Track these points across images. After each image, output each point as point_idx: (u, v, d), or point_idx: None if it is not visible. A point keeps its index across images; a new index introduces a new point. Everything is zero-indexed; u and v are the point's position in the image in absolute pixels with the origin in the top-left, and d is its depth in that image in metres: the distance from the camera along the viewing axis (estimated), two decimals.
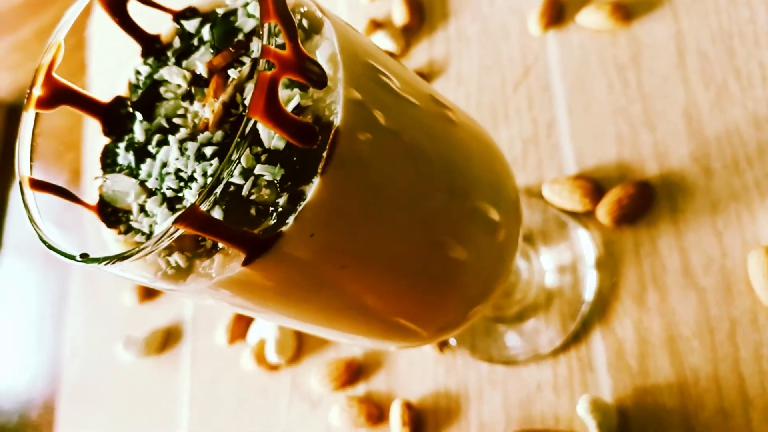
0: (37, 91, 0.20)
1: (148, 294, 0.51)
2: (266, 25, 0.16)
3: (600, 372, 0.34)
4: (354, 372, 0.41)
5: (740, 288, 0.32)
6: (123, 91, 0.22)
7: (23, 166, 0.19)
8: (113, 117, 0.21)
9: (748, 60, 0.34)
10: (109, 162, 0.21)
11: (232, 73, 0.19)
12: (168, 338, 0.49)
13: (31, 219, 0.18)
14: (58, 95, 0.20)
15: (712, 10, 0.36)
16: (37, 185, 0.19)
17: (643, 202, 0.35)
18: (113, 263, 0.17)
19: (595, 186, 0.36)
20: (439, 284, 0.22)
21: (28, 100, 0.20)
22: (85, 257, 0.18)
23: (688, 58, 0.36)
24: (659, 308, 0.34)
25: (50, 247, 0.18)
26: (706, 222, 0.34)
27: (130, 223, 0.20)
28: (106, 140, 0.22)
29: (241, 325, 0.46)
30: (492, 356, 0.37)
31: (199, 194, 0.16)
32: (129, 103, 0.21)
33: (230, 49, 0.20)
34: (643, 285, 0.34)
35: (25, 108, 0.20)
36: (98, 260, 0.17)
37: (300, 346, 0.43)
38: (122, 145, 0.21)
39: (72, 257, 0.18)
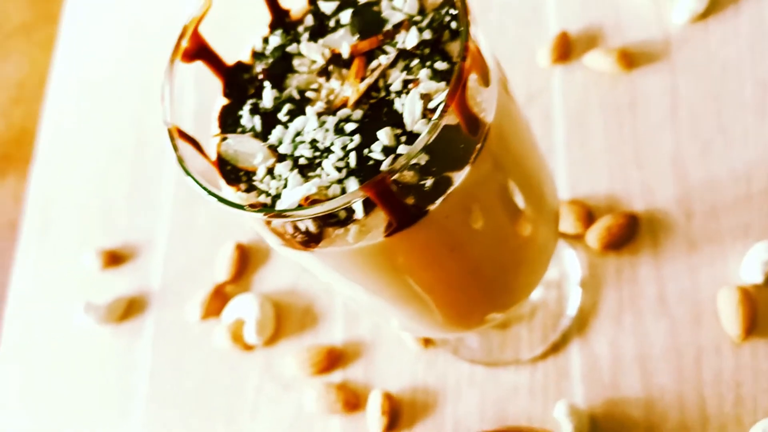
0: (184, 43, 0.20)
1: (113, 260, 0.50)
2: (465, 24, 0.18)
3: (574, 381, 0.38)
4: (333, 359, 0.42)
5: (708, 319, 0.36)
6: (245, 57, 0.23)
7: (172, 116, 0.20)
8: (235, 80, 0.22)
9: (733, 122, 0.39)
10: (229, 122, 0.22)
11: (383, 59, 0.21)
12: (131, 307, 0.48)
13: (187, 171, 0.19)
14: (199, 50, 0.21)
15: (706, 75, 0.41)
16: (181, 134, 0.20)
17: (628, 233, 0.39)
18: (283, 215, 0.18)
19: (587, 212, 0.40)
20: (504, 275, 0.25)
21: (175, 50, 0.20)
22: (255, 207, 0.18)
23: (680, 111, 0.41)
24: (634, 329, 0.37)
25: (220, 198, 0.19)
26: (682, 258, 0.38)
27: (253, 183, 0.21)
28: (223, 101, 0.22)
29: (217, 303, 0.46)
30: (474, 357, 0.39)
31: (390, 168, 0.17)
32: (255, 69, 0.22)
33: (379, 36, 0.21)
34: (621, 307, 0.38)
35: (172, 57, 0.20)
36: (270, 211, 0.18)
37: (278, 330, 0.44)
38: (246, 108, 0.22)
39: (240, 207, 0.18)
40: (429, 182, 0.20)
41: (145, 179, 0.52)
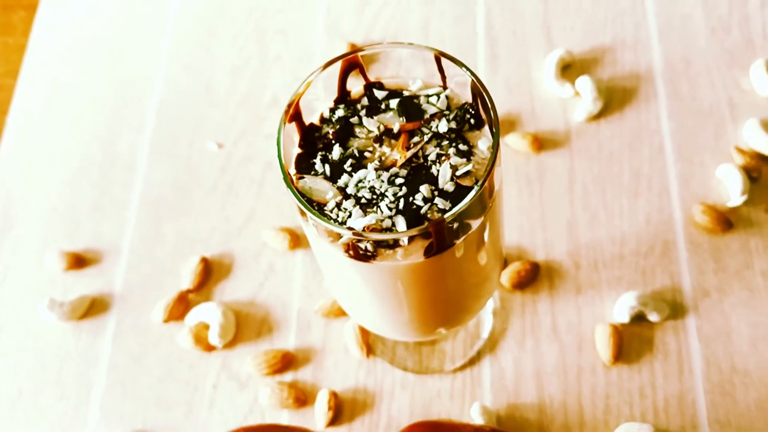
0: (289, 110, 0.29)
1: (77, 263, 0.54)
2: (497, 126, 0.27)
3: (485, 388, 0.48)
4: (286, 362, 0.50)
5: (587, 347, 0.48)
6: (315, 120, 0.31)
7: (291, 152, 0.28)
8: (308, 137, 0.31)
9: (613, 199, 0.52)
10: (303, 167, 0.30)
11: (422, 137, 0.30)
12: (93, 307, 0.53)
13: (299, 198, 0.27)
14: (295, 115, 0.29)
15: (596, 161, 0.53)
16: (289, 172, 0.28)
17: (532, 276, 0.50)
18: (359, 236, 0.26)
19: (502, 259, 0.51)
20: (465, 300, 0.35)
21: (285, 115, 0.29)
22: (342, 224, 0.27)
23: (575, 187, 0.53)
24: (532, 350, 0.48)
25: (321, 218, 0.27)
26: (571, 298, 0.50)
27: (324, 211, 0.30)
28: (298, 150, 0.31)
29: (179, 307, 0.52)
30: (406, 366, 0.49)
31: (444, 216, 0.26)
32: (324, 130, 0.31)
33: (420, 121, 0.31)
34: (524, 333, 0.49)
35: (283, 119, 0.29)
36: (341, 225, 0.26)
37: (237, 335, 0.51)
38: (318, 158, 0.31)
39: (340, 225, 0.26)
40: (456, 225, 0.29)
41: (112, 189, 0.57)
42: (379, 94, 0.32)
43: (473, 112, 0.31)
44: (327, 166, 0.31)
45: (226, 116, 0.59)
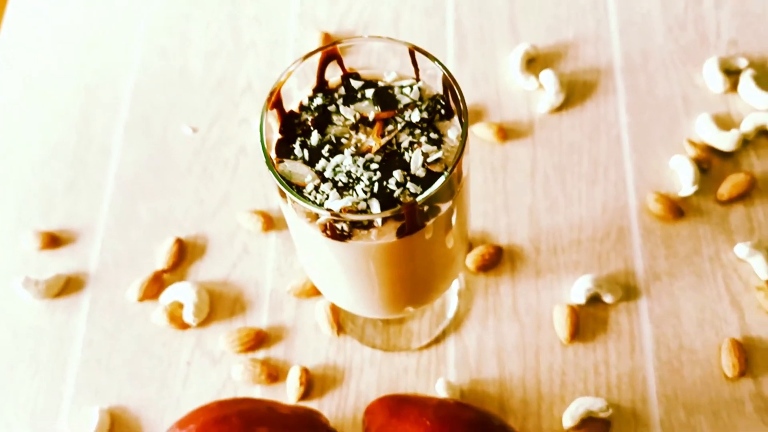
0: (271, 98, 0.31)
1: (51, 242, 0.55)
2: (466, 117, 0.30)
3: (450, 365, 0.50)
4: (259, 340, 0.51)
5: (546, 326, 0.51)
6: (294, 108, 0.33)
7: (272, 138, 0.30)
8: (288, 123, 0.32)
9: (572, 187, 0.55)
10: (283, 151, 0.32)
11: (398, 126, 0.32)
12: (68, 285, 0.54)
13: (280, 179, 0.29)
14: (276, 102, 0.31)
15: (557, 151, 0.56)
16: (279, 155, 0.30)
17: (495, 260, 0.53)
18: (333, 215, 0.28)
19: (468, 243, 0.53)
20: (432, 280, 0.37)
21: (268, 101, 0.31)
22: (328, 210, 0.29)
23: (536, 175, 0.55)
24: (494, 330, 0.51)
25: (302, 198, 0.28)
26: (531, 281, 0.52)
27: (303, 193, 0.31)
28: (278, 136, 0.33)
29: (154, 287, 0.53)
30: (375, 344, 0.51)
31: (412, 203, 0.29)
32: (303, 117, 0.33)
33: (394, 111, 0.33)
34: (486, 313, 0.52)
35: (266, 106, 0.31)
36: (319, 206, 0.28)
37: (210, 314, 0.53)
38: (297, 143, 0.32)
39: (319, 206, 0.28)
40: (426, 208, 0.31)
41: (87, 170, 0.58)
42: (356, 84, 0.34)
43: (444, 103, 0.34)
44: (306, 151, 0.33)
45: (200, 101, 0.60)
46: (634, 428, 0.47)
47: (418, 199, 0.30)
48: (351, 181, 0.32)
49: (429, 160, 0.32)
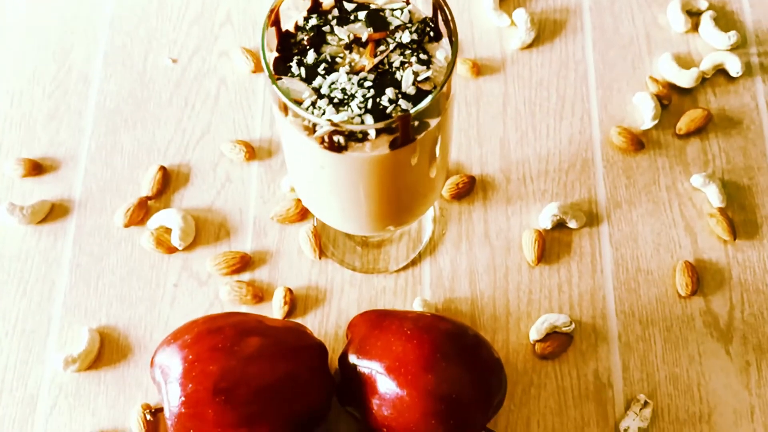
0: (271, 15, 0.32)
1: (35, 169, 0.56)
2: (456, 35, 0.32)
3: (425, 285, 0.53)
4: (244, 263, 0.54)
5: (515, 249, 0.54)
6: (290, 28, 0.35)
7: (268, 57, 0.32)
8: (284, 41, 0.34)
9: (541, 121, 0.58)
10: (280, 69, 0.34)
11: (390, 45, 0.34)
12: (53, 211, 0.55)
13: (282, 91, 0.31)
14: (275, 21, 0.33)
15: (527, 87, 0.59)
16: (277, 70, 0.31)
17: (468, 188, 0.56)
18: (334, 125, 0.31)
19: None
20: (414, 200, 0.40)
21: (267, 19, 0.32)
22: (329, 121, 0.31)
23: (508, 109, 0.58)
24: (467, 253, 0.54)
25: (303, 109, 0.30)
26: (502, 208, 0.55)
27: (301, 108, 0.34)
28: (275, 54, 0.34)
29: (139, 212, 0.55)
30: (355, 266, 0.54)
31: (406, 115, 0.31)
32: (299, 37, 0.35)
33: (385, 32, 0.35)
34: (460, 237, 0.55)
35: (266, 24, 0.32)
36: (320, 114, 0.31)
37: (196, 239, 0.55)
38: (294, 61, 0.34)
39: (318, 116, 0.30)
40: (417, 123, 0.34)
41: (67, 100, 0.58)
42: (348, 6, 0.36)
43: (432, 26, 0.36)
44: (302, 69, 0.35)
45: (180, 33, 0.61)
46: (594, 341, 0.51)
47: (412, 111, 0.32)
48: (346, 97, 0.34)
49: (419, 78, 0.34)
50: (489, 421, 0.45)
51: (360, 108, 0.33)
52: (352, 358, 0.45)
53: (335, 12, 0.36)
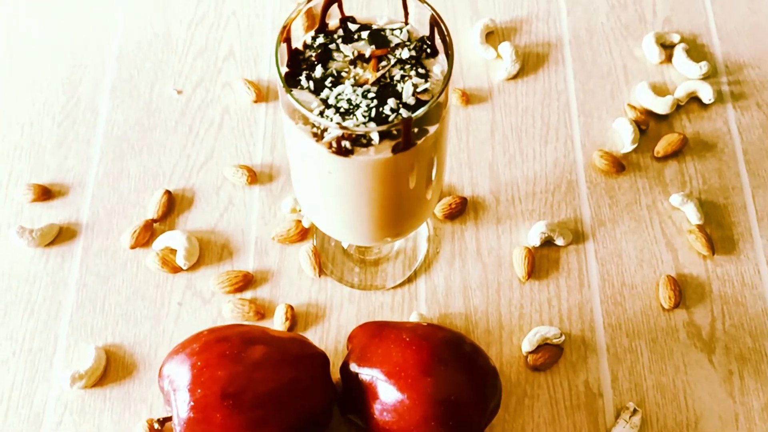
0: (283, 32, 0.35)
1: (44, 194, 0.58)
2: (451, 50, 0.35)
3: (421, 301, 0.56)
4: (247, 282, 0.56)
5: (506, 266, 0.57)
6: (299, 46, 0.38)
7: (282, 69, 0.35)
8: (293, 58, 0.37)
9: (527, 146, 0.61)
10: (291, 82, 0.37)
11: (391, 60, 0.37)
12: (61, 234, 0.57)
13: (297, 100, 0.34)
14: (287, 38, 0.36)
15: (513, 114, 0.62)
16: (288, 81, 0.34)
17: (460, 209, 0.58)
18: (341, 129, 0.33)
19: None
20: (411, 210, 0.43)
21: (280, 36, 0.35)
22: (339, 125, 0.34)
23: (496, 135, 0.62)
24: (460, 270, 0.57)
25: (316, 114, 0.33)
26: (492, 227, 0.58)
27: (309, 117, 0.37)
28: (285, 69, 0.38)
29: (145, 234, 0.57)
30: (353, 284, 0.56)
31: (409, 118, 0.34)
32: (307, 54, 0.38)
33: (387, 49, 0.38)
34: (453, 255, 0.57)
35: (279, 40, 0.35)
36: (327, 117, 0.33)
37: (200, 258, 0.57)
38: (303, 75, 0.37)
39: (329, 119, 0.33)
40: (417, 130, 0.37)
41: (76, 128, 0.61)
42: (352, 26, 0.39)
43: (429, 43, 0.39)
44: (311, 82, 0.38)
45: (185, 66, 0.64)
46: (584, 353, 0.54)
47: (414, 114, 0.35)
48: (351, 107, 0.37)
49: (418, 90, 0.37)
50: (486, 425, 0.47)
51: (364, 116, 0.36)
52: (353, 367, 0.46)
53: (340, 32, 0.39)
